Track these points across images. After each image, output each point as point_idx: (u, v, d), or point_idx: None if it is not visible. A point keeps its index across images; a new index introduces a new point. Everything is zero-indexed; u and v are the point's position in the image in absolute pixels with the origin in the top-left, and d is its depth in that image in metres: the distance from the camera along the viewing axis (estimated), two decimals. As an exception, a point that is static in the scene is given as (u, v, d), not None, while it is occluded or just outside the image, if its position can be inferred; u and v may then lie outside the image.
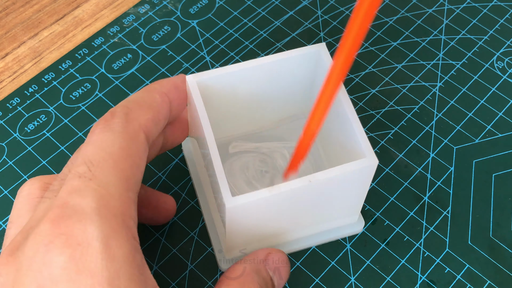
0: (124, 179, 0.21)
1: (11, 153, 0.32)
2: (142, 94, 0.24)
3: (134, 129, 0.22)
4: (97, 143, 0.21)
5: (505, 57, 0.35)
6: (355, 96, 0.34)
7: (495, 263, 0.28)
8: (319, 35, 0.36)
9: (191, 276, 0.28)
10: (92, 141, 0.22)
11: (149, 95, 0.24)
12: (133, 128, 0.22)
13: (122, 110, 0.23)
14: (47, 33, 0.36)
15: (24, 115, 0.33)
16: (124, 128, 0.22)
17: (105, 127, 0.22)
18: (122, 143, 0.22)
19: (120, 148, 0.21)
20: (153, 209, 0.28)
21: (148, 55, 0.35)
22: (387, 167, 0.31)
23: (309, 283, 0.28)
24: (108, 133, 0.22)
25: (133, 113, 0.23)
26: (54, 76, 0.34)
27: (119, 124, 0.22)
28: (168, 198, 0.28)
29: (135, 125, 0.22)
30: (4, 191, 0.30)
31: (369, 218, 0.30)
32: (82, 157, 0.21)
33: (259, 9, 0.37)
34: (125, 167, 0.21)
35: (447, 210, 0.30)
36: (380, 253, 0.29)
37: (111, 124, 0.22)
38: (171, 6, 0.37)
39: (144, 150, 0.23)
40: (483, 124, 0.33)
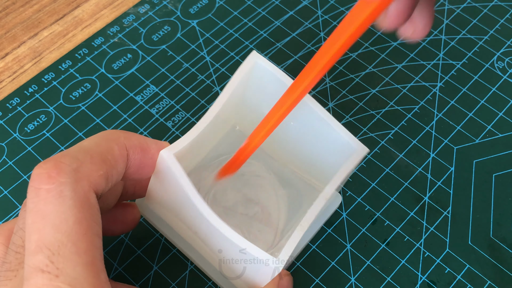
0: (91, 264, 0.19)
1: (11, 153, 0.32)
2: (99, 142, 0.22)
3: (84, 190, 0.20)
4: (48, 218, 0.19)
5: (506, 57, 0.35)
6: (355, 96, 0.34)
7: (495, 263, 0.28)
8: (319, 35, 0.36)
9: (191, 276, 0.28)
10: (40, 212, 0.19)
11: (107, 145, 0.21)
12: (83, 190, 0.20)
13: (71, 164, 0.20)
14: (47, 33, 0.36)
15: (24, 115, 0.33)
16: (74, 192, 0.19)
17: (52, 190, 0.19)
18: (77, 215, 0.19)
19: (75, 222, 0.19)
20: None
21: (148, 55, 0.35)
22: (387, 167, 0.31)
23: (309, 283, 0.28)
24: (57, 201, 0.19)
25: (83, 168, 0.20)
26: (54, 76, 0.34)
27: (68, 186, 0.19)
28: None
29: (84, 186, 0.20)
30: (4, 191, 0.30)
31: (369, 218, 0.30)
32: (35, 241, 0.18)
33: (259, 9, 0.37)
34: (87, 247, 0.19)
35: (447, 210, 0.30)
36: (380, 253, 0.29)
37: (59, 186, 0.19)
38: (171, 6, 0.37)
39: (97, 213, 0.20)
40: (483, 124, 0.33)
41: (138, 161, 0.22)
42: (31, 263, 0.18)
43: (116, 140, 0.22)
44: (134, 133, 0.23)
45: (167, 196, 0.24)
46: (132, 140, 0.22)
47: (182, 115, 0.33)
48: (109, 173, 0.21)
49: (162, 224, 0.28)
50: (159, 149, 0.23)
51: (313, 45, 0.36)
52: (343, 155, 0.25)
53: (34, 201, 0.19)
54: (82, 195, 0.19)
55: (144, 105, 0.33)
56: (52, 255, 0.18)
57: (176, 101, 0.33)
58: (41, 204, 0.19)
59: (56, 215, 0.19)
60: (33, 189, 0.19)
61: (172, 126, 0.33)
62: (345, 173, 0.24)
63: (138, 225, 0.29)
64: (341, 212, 0.30)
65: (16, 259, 0.20)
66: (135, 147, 0.22)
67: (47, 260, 0.18)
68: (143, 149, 0.22)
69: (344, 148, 0.25)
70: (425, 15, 0.19)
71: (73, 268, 0.18)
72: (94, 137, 0.22)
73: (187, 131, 0.32)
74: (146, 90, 0.34)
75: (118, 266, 0.28)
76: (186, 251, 0.27)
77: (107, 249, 0.29)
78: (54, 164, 0.19)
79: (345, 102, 0.33)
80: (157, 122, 0.33)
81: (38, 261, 0.18)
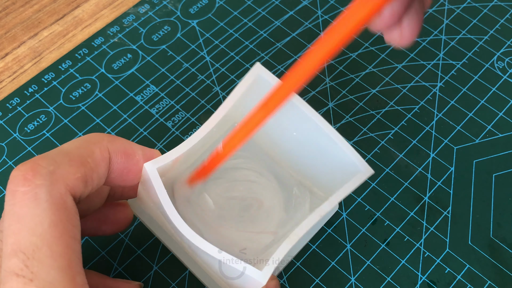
0: (67, 267, 0.19)
1: (11, 153, 0.32)
2: (80, 144, 0.21)
3: (60, 193, 0.19)
4: (23, 221, 0.18)
5: (506, 57, 0.35)
6: (355, 96, 0.34)
7: (495, 263, 0.28)
8: (319, 35, 0.36)
9: (191, 276, 0.28)
10: (16, 215, 0.19)
11: (87, 147, 0.21)
12: (58, 192, 0.19)
13: (48, 167, 0.19)
14: (47, 33, 0.36)
15: (24, 115, 0.33)
16: (49, 194, 0.19)
17: (27, 192, 0.19)
18: (52, 217, 0.19)
19: (51, 225, 0.19)
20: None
21: (148, 55, 0.35)
22: (387, 167, 0.31)
23: (309, 283, 0.28)
24: (32, 204, 0.19)
25: (59, 171, 0.20)
26: (54, 76, 0.34)
27: (43, 188, 0.19)
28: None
29: (60, 188, 0.19)
30: (4, 191, 0.30)
31: (369, 218, 0.30)
32: (11, 244, 0.18)
33: (259, 9, 0.37)
34: (63, 250, 0.19)
35: (447, 210, 0.30)
36: (380, 253, 0.29)
37: (34, 189, 0.19)
38: (171, 6, 0.37)
39: (74, 215, 0.20)
40: (483, 124, 0.33)
41: (122, 166, 0.22)
42: (6, 267, 0.18)
43: (98, 143, 0.21)
44: (119, 137, 0.23)
45: (153, 204, 0.24)
46: (115, 144, 0.22)
47: (182, 115, 0.33)
48: (88, 176, 0.21)
49: (153, 224, 0.28)
50: (145, 156, 0.22)
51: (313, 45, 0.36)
52: (346, 172, 0.24)
53: (11, 203, 0.19)
54: (58, 198, 0.19)
55: (144, 105, 0.33)
56: (27, 259, 0.18)
57: (176, 101, 0.33)
58: (17, 207, 0.19)
59: (31, 218, 0.18)
60: (10, 191, 0.19)
61: (172, 126, 0.33)
62: (346, 193, 0.24)
63: (138, 225, 0.29)
64: (341, 212, 0.30)
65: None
66: (119, 151, 0.22)
67: (21, 264, 0.18)
68: (127, 154, 0.22)
69: (349, 166, 0.24)
70: (414, 21, 0.18)
71: (48, 272, 0.18)
72: (76, 140, 0.22)
73: (187, 131, 0.32)
74: (146, 90, 0.34)
75: (118, 266, 0.28)
76: (175, 252, 0.27)
77: (107, 249, 0.29)
78: (30, 166, 0.19)
79: (345, 102, 0.33)
80: (157, 122, 0.33)
81: (13, 265, 0.18)
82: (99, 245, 0.29)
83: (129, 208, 0.27)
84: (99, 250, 0.29)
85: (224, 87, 0.34)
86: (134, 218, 0.30)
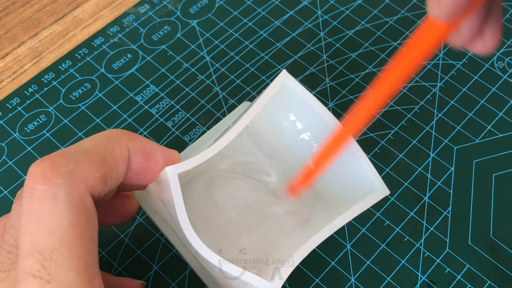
0: (84, 269, 0.18)
1: (11, 153, 0.32)
2: (100, 142, 0.21)
3: (80, 193, 0.19)
4: (41, 221, 0.18)
5: (506, 57, 0.35)
6: (355, 96, 0.34)
7: (495, 263, 0.28)
8: (319, 35, 0.36)
9: (191, 276, 0.28)
10: (33, 213, 0.18)
11: (107, 145, 0.20)
12: (78, 192, 0.19)
13: (67, 165, 0.19)
14: (47, 33, 0.36)
15: (24, 115, 0.33)
16: (68, 194, 0.18)
17: (46, 191, 0.18)
18: (71, 218, 0.18)
19: (69, 226, 0.18)
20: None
21: (148, 55, 0.35)
22: (387, 167, 0.31)
23: (309, 283, 0.28)
24: (51, 204, 0.18)
25: (79, 170, 0.19)
26: (54, 76, 0.34)
27: (63, 188, 0.18)
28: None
29: (80, 188, 0.19)
30: (4, 191, 0.30)
31: (369, 218, 0.30)
32: (28, 244, 0.18)
33: (259, 9, 0.37)
34: (81, 252, 0.18)
35: (447, 210, 0.30)
36: (380, 253, 0.29)
37: (53, 188, 0.18)
38: (171, 6, 0.37)
39: (93, 215, 0.19)
40: (483, 124, 0.33)
41: (140, 165, 0.22)
42: (23, 267, 0.18)
43: (118, 140, 0.21)
44: (139, 135, 0.22)
45: (163, 202, 0.24)
46: (135, 143, 0.21)
47: (182, 115, 0.33)
48: (108, 175, 0.20)
49: (157, 217, 0.27)
50: (164, 156, 0.22)
51: (313, 45, 0.36)
52: (362, 188, 0.24)
53: (28, 201, 0.19)
54: (77, 198, 0.19)
55: (144, 105, 0.33)
56: (44, 260, 0.18)
57: (176, 101, 0.33)
58: (34, 205, 0.18)
59: (49, 218, 0.18)
60: (28, 188, 0.19)
61: (172, 126, 0.33)
62: (360, 211, 0.24)
63: (138, 225, 0.29)
64: (341, 212, 0.30)
65: (9, 259, 0.20)
66: (138, 150, 0.21)
67: (38, 265, 0.18)
68: (146, 154, 0.22)
69: (365, 183, 0.24)
70: (495, 28, 0.18)
71: (66, 274, 0.18)
72: (96, 136, 0.21)
73: (187, 131, 0.32)
74: (146, 90, 0.34)
75: (118, 266, 0.28)
76: (177, 247, 0.27)
77: (107, 249, 0.29)
78: (49, 164, 0.19)
79: (345, 102, 0.33)
80: (157, 122, 0.33)
81: (30, 266, 0.18)
82: (99, 244, 0.29)
83: (135, 199, 0.26)
84: (99, 249, 0.29)
85: (224, 87, 0.34)
86: (133, 218, 0.30)
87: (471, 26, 0.17)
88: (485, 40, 0.18)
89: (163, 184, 0.22)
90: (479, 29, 0.18)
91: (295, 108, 0.26)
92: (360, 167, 0.24)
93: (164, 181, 0.22)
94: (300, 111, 0.26)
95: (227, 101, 0.33)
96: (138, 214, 0.30)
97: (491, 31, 0.18)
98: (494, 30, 0.18)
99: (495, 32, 0.18)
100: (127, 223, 0.29)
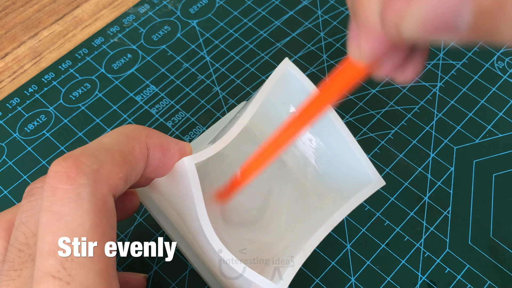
0: (104, 271, 0.18)
1: (11, 153, 0.32)
2: (121, 139, 0.20)
3: (103, 194, 0.19)
4: (64, 221, 0.18)
5: (505, 57, 0.35)
6: (355, 96, 0.34)
7: (495, 263, 0.28)
8: (319, 35, 0.36)
9: (191, 276, 0.28)
10: (55, 213, 0.18)
11: (128, 143, 0.20)
12: (101, 193, 0.19)
13: (91, 165, 0.19)
14: (47, 33, 0.36)
15: (24, 115, 0.33)
16: (92, 195, 0.18)
17: (70, 191, 0.18)
18: (94, 219, 0.18)
19: (92, 227, 0.18)
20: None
21: (148, 55, 0.35)
22: (387, 167, 0.31)
23: (309, 283, 0.28)
24: (74, 204, 0.18)
25: (103, 170, 0.19)
26: (54, 76, 0.34)
27: (87, 188, 0.18)
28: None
29: (104, 189, 0.19)
30: (4, 191, 0.30)
31: (369, 218, 0.30)
32: (49, 244, 0.18)
33: (259, 9, 0.37)
34: (102, 253, 0.18)
35: (447, 210, 0.30)
36: (380, 253, 0.29)
37: (77, 188, 0.18)
38: (171, 6, 0.37)
39: (114, 217, 0.19)
40: (483, 124, 0.33)
41: (157, 161, 0.22)
42: (42, 267, 0.18)
43: (138, 138, 0.21)
44: (155, 130, 0.22)
45: (174, 196, 0.24)
46: (153, 139, 0.21)
47: (182, 115, 0.33)
48: (129, 174, 0.20)
49: (160, 215, 0.27)
50: (179, 150, 0.22)
51: (313, 45, 0.36)
52: (358, 181, 0.25)
53: (50, 200, 0.18)
54: (100, 199, 0.18)
55: (144, 105, 0.33)
56: (65, 261, 0.17)
57: (176, 101, 0.33)
58: (57, 205, 0.18)
59: (72, 219, 0.18)
60: (50, 187, 0.18)
61: (172, 126, 0.33)
62: (358, 202, 0.24)
63: (138, 225, 0.29)
64: (341, 212, 0.30)
65: (19, 258, 0.19)
66: (156, 146, 0.21)
67: (59, 266, 0.17)
68: (163, 149, 0.22)
69: (361, 175, 0.25)
70: (417, 64, 0.18)
71: (86, 276, 0.17)
72: (116, 133, 0.21)
73: (187, 131, 0.32)
74: (146, 90, 0.34)
75: (118, 266, 0.28)
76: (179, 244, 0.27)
77: (107, 249, 0.29)
78: (73, 163, 0.18)
79: (345, 102, 0.33)
80: (157, 122, 0.33)
81: (50, 266, 0.17)
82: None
83: (137, 196, 0.26)
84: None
85: (224, 87, 0.34)
86: (133, 218, 0.30)
87: (393, 63, 0.18)
88: (406, 73, 0.19)
89: (179, 176, 0.22)
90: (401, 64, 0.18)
91: (296, 98, 0.26)
92: (356, 160, 0.25)
93: (180, 172, 0.22)
94: (300, 101, 0.26)
95: (227, 101, 0.33)
96: (138, 214, 0.30)
97: (413, 65, 0.18)
98: (416, 64, 0.18)
99: (417, 66, 0.18)
100: (127, 223, 0.29)
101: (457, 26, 0.13)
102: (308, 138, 0.27)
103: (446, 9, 0.12)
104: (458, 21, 0.12)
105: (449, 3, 0.12)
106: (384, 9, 0.14)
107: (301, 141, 0.27)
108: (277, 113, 0.27)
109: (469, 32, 0.13)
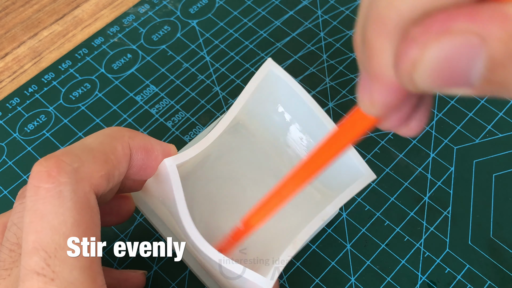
0: (88, 268, 0.18)
1: (11, 153, 0.32)
2: (103, 140, 0.21)
3: (85, 191, 0.19)
4: (46, 219, 0.18)
5: (505, 57, 0.35)
6: (355, 96, 0.34)
7: (495, 263, 0.28)
8: (319, 35, 0.36)
9: (191, 276, 0.28)
10: (38, 212, 0.18)
11: (110, 143, 0.21)
12: (83, 191, 0.19)
13: (72, 164, 0.19)
14: (47, 33, 0.36)
15: (24, 115, 0.33)
16: (74, 193, 0.19)
17: (51, 189, 0.18)
18: (76, 217, 0.18)
19: (74, 224, 0.18)
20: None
21: (148, 55, 0.35)
22: (387, 167, 0.31)
23: (309, 283, 0.28)
24: (56, 202, 0.18)
25: (84, 169, 0.19)
26: (54, 76, 0.34)
27: (68, 186, 0.19)
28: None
29: (85, 187, 0.19)
30: (4, 191, 0.30)
31: (369, 218, 0.30)
32: (32, 242, 0.18)
33: (259, 9, 0.37)
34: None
35: (447, 210, 0.30)
36: (380, 253, 0.29)
37: (58, 186, 0.19)
38: (171, 6, 0.37)
39: (97, 214, 0.20)
40: (483, 124, 0.33)
41: (141, 162, 0.22)
42: (27, 264, 0.18)
43: (120, 139, 0.21)
44: (138, 132, 0.23)
45: (162, 198, 0.24)
46: (136, 140, 0.22)
47: (182, 115, 0.33)
48: (111, 173, 0.20)
49: (154, 218, 0.27)
50: (163, 151, 0.22)
51: (313, 45, 0.36)
52: (349, 175, 0.25)
53: (33, 199, 0.19)
54: (82, 197, 0.19)
55: (144, 105, 0.33)
56: (48, 258, 0.18)
57: (176, 101, 0.33)
58: (39, 204, 0.18)
59: (54, 216, 0.18)
60: (33, 187, 0.19)
61: (172, 126, 0.33)
62: (349, 196, 0.24)
63: (138, 225, 0.29)
64: (341, 212, 0.30)
65: (10, 257, 0.20)
66: (139, 148, 0.22)
67: (43, 263, 0.18)
68: (147, 150, 0.22)
69: (351, 170, 0.25)
70: (422, 116, 0.18)
71: (70, 272, 0.18)
72: (98, 134, 0.21)
73: (187, 131, 0.32)
74: (146, 90, 0.34)
75: (118, 266, 0.28)
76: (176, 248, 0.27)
77: (107, 249, 0.29)
78: (54, 162, 0.19)
79: (345, 102, 0.33)
80: (157, 122, 0.33)
81: (34, 263, 0.18)
82: (99, 245, 0.29)
83: (132, 200, 0.27)
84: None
85: (224, 87, 0.34)
86: (133, 218, 0.30)
87: (401, 116, 0.18)
88: (410, 126, 0.19)
89: (162, 177, 0.22)
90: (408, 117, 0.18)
91: (283, 98, 0.26)
92: (346, 155, 0.25)
93: (163, 174, 0.22)
94: (287, 100, 0.26)
95: (227, 101, 0.33)
96: (138, 215, 0.30)
97: (419, 118, 0.18)
98: (421, 117, 0.18)
99: (422, 119, 0.18)
100: (127, 223, 0.29)
101: (470, 76, 0.12)
102: (299, 137, 0.27)
103: (459, 55, 0.12)
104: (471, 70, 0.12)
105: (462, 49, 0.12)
106: (398, 58, 0.13)
107: (293, 140, 0.27)
108: (267, 113, 0.27)
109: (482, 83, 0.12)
